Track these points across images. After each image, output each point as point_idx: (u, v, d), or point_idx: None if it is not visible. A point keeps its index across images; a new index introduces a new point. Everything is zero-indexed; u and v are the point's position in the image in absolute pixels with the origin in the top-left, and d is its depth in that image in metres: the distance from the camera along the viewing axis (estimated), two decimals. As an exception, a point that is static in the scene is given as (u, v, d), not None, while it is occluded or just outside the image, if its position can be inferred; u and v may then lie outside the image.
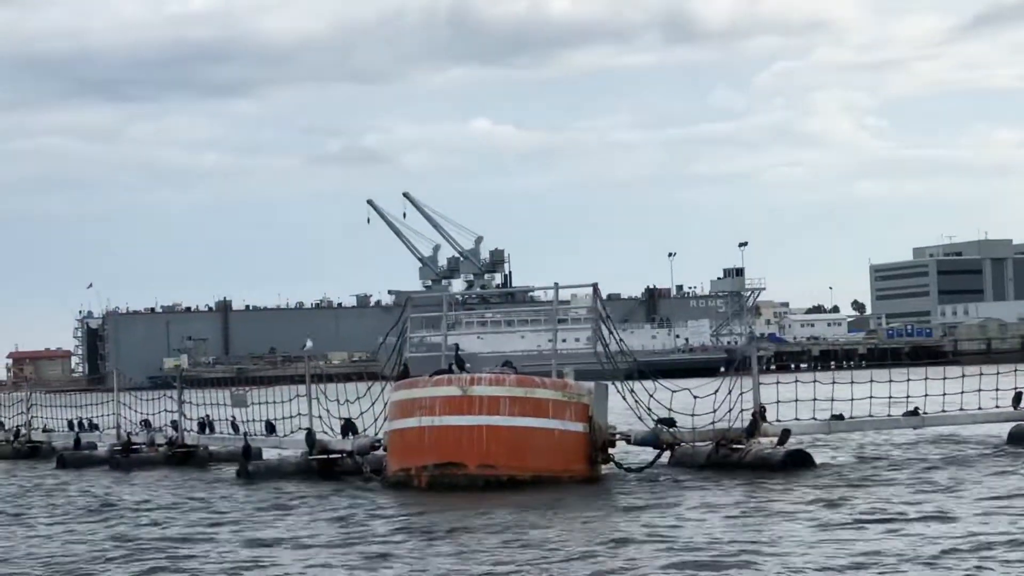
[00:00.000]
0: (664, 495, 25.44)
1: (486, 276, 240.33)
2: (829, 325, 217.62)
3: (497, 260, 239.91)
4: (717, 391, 28.99)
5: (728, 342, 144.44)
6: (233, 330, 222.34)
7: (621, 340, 30.00)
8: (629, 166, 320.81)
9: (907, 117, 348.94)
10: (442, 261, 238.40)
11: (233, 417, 35.99)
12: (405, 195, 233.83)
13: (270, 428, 33.95)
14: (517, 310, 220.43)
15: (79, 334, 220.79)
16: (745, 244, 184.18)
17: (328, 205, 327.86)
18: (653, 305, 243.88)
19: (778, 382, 30.35)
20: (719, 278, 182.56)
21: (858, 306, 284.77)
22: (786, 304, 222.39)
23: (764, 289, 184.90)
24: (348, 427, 31.38)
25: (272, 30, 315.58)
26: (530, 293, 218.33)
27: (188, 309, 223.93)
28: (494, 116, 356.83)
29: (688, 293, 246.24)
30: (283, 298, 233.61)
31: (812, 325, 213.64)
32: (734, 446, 28.90)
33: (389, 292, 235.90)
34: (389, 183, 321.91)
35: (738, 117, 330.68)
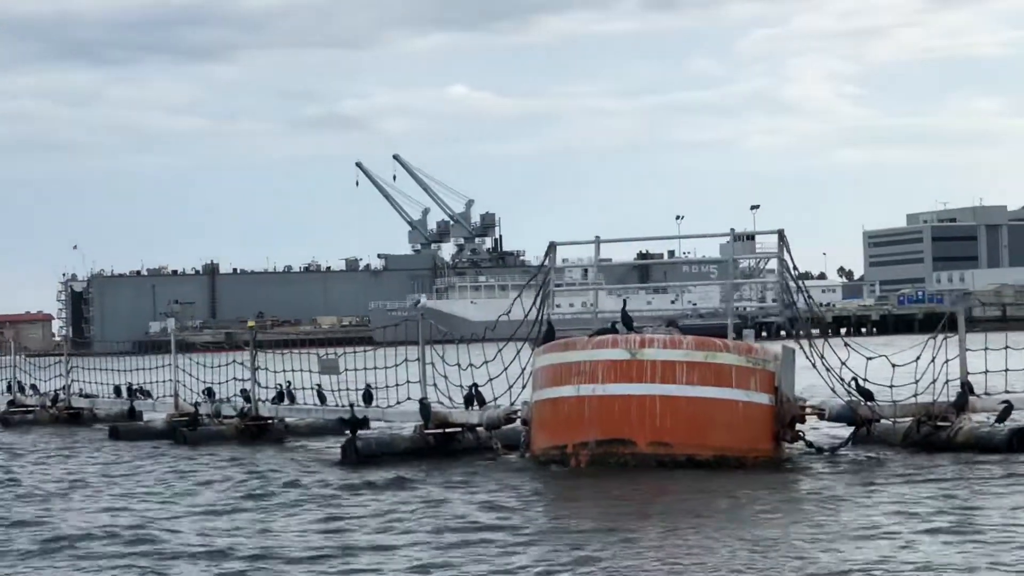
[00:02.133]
0: (880, 483, 21.28)
1: (477, 240, 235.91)
2: (823, 292, 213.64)
3: (488, 224, 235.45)
4: (919, 358, 24.73)
5: (739, 308, 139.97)
6: (220, 294, 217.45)
7: (810, 297, 25.74)
8: (609, 133, 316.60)
9: (888, 85, 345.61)
10: (431, 224, 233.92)
11: (319, 385, 31.58)
12: (395, 157, 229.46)
13: (368, 397, 29.53)
14: (511, 273, 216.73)
15: (63, 297, 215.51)
16: (757, 207, 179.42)
17: (308, 169, 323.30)
18: (646, 270, 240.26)
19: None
20: (729, 242, 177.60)
21: (845, 272, 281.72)
22: (772, 271, 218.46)
23: (776, 255, 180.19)
24: (473, 396, 27.03)
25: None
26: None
27: (174, 272, 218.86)
28: (472, 82, 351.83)
29: (681, 258, 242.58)
30: (271, 262, 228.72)
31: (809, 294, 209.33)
32: (939, 423, 24.65)
33: (379, 256, 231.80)
34: (368, 148, 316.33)
35: (718, 84, 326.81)
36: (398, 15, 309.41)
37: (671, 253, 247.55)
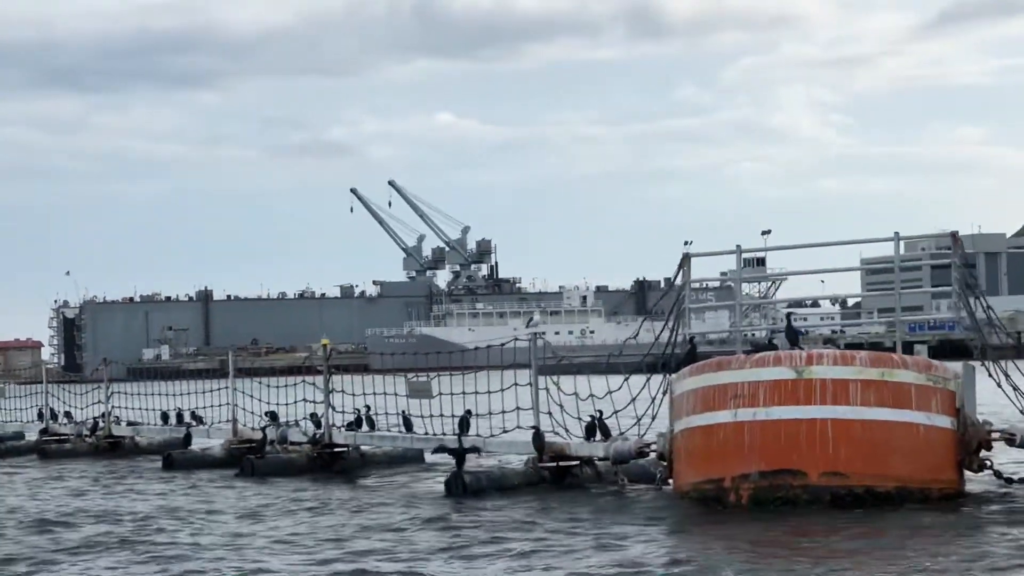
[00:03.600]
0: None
1: (472, 267, 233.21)
2: (822, 319, 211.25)
3: (484, 250, 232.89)
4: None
5: (749, 335, 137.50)
6: (214, 320, 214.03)
7: (989, 307, 22.94)
8: (595, 160, 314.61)
9: (872, 114, 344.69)
10: (426, 251, 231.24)
11: (403, 411, 28.69)
12: (391, 183, 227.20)
13: (464, 425, 26.59)
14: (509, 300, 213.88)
15: (55, 324, 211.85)
16: (768, 232, 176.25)
17: (299, 196, 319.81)
18: (643, 297, 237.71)
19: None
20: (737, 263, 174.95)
21: (837, 300, 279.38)
22: (764, 298, 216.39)
23: (786, 279, 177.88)
24: (596, 426, 24.16)
25: (237, 21, 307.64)
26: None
27: (168, 299, 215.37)
28: (458, 109, 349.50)
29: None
30: (265, 288, 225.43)
31: (805, 319, 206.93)
32: None
33: (374, 283, 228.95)
34: (352, 175, 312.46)
35: (704, 113, 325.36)
36: (384, 42, 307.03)
37: (667, 280, 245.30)
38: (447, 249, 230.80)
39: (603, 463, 24.32)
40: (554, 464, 24.50)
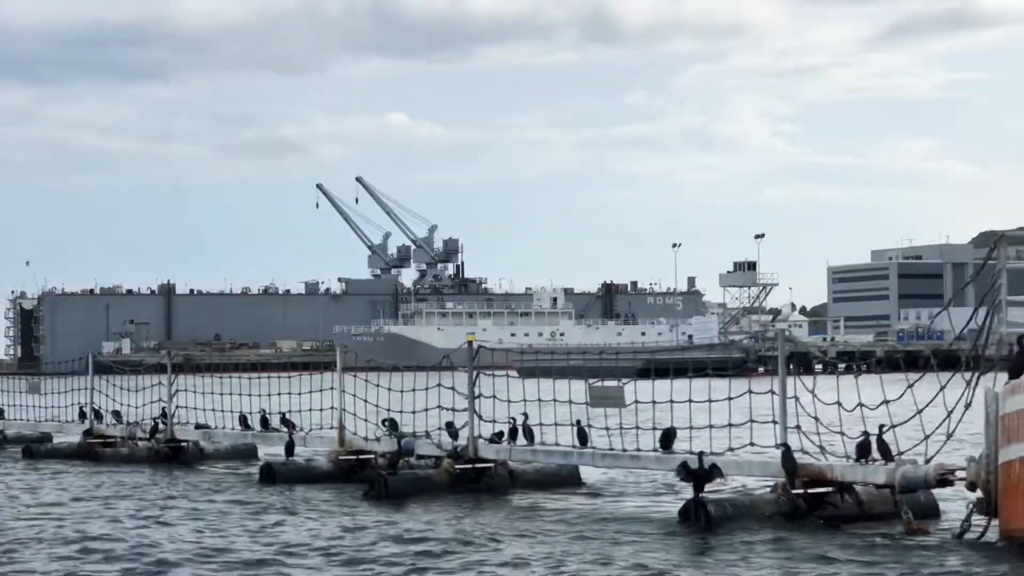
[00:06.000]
0: None
1: (439, 266, 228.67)
2: (790, 327, 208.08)
3: (452, 250, 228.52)
4: None
5: (736, 340, 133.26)
6: (176, 314, 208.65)
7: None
8: (548, 164, 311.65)
9: (821, 124, 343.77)
10: (392, 249, 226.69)
11: (578, 421, 24.26)
12: (358, 180, 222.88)
13: (669, 438, 22.24)
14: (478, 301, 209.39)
15: (11, 315, 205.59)
16: (762, 236, 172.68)
17: (261, 192, 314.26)
18: (610, 301, 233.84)
19: None
20: (729, 271, 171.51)
21: (797, 309, 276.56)
22: (723, 305, 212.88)
23: (777, 284, 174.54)
24: (875, 445, 19.79)
25: (191, 14, 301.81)
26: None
27: (129, 292, 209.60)
28: (411, 110, 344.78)
29: (646, 290, 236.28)
30: (228, 283, 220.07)
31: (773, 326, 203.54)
32: None
33: (339, 280, 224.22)
34: (303, 173, 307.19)
35: (655, 119, 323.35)
36: (338, 41, 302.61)
37: (634, 284, 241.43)
38: (413, 247, 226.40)
39: (864, 489, 20.04)
40: (806, 491, 20.15)
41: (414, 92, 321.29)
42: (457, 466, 25.81)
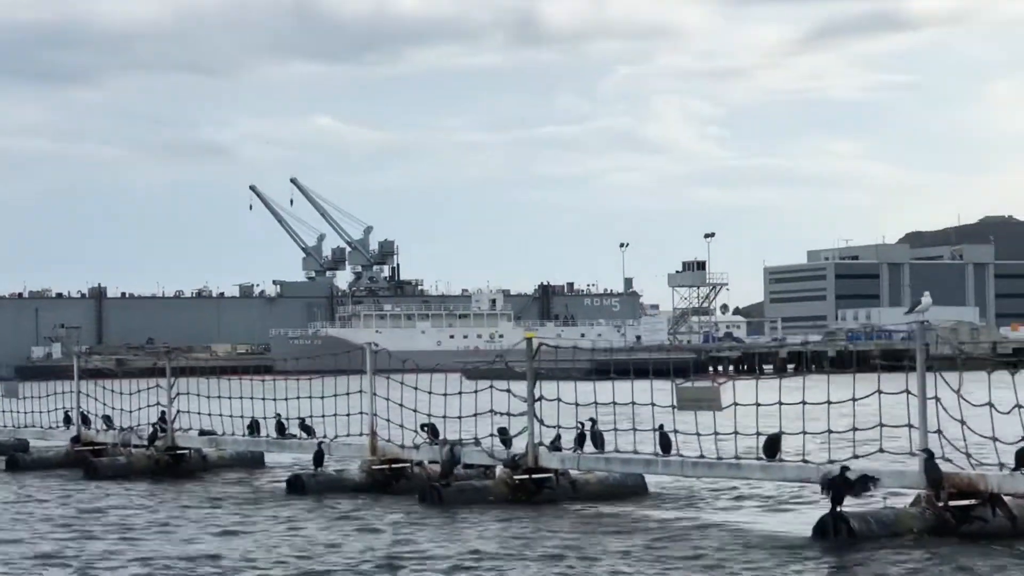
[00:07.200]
0: None
1: (375, 268, 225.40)
2: (728, 327, 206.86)
3: (387, 251, 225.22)
4: None
5: (686, 340, 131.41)
6: (108, 318, 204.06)
7: None
8: (477, 167, 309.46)
9: (748, 126, 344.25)
10: (326, 251, 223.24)
11: (661, 426, 21.84)
12: (293, 181, 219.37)
13: (773, 446, 19.89)
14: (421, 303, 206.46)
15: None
16: (712, 235, 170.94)
17: (188, 194, 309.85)
18: (547, 302, 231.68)
19: None
20: (678, 271, 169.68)
21: (725, 308, 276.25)
22: (656, 306, 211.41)
23: (726, 284, 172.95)
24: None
25: (109, 14, 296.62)
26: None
27: (59, 295, 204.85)
28: (337, 113, 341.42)
29: (583, 291, 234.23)
30: (160, 286, 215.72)
31: (728, 327, 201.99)
32: None
33: (274, 282, 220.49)
34: (227, 177, 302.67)
35: (582, 121, 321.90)
36: (263, 43, 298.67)
37: (570, 285, 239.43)
38: (348, 249, 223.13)
39: (1014, 502, 17.76)
40: (947, 503, 17.83)
41: (342, 94, 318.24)
42: (516, 476, 23.35)
